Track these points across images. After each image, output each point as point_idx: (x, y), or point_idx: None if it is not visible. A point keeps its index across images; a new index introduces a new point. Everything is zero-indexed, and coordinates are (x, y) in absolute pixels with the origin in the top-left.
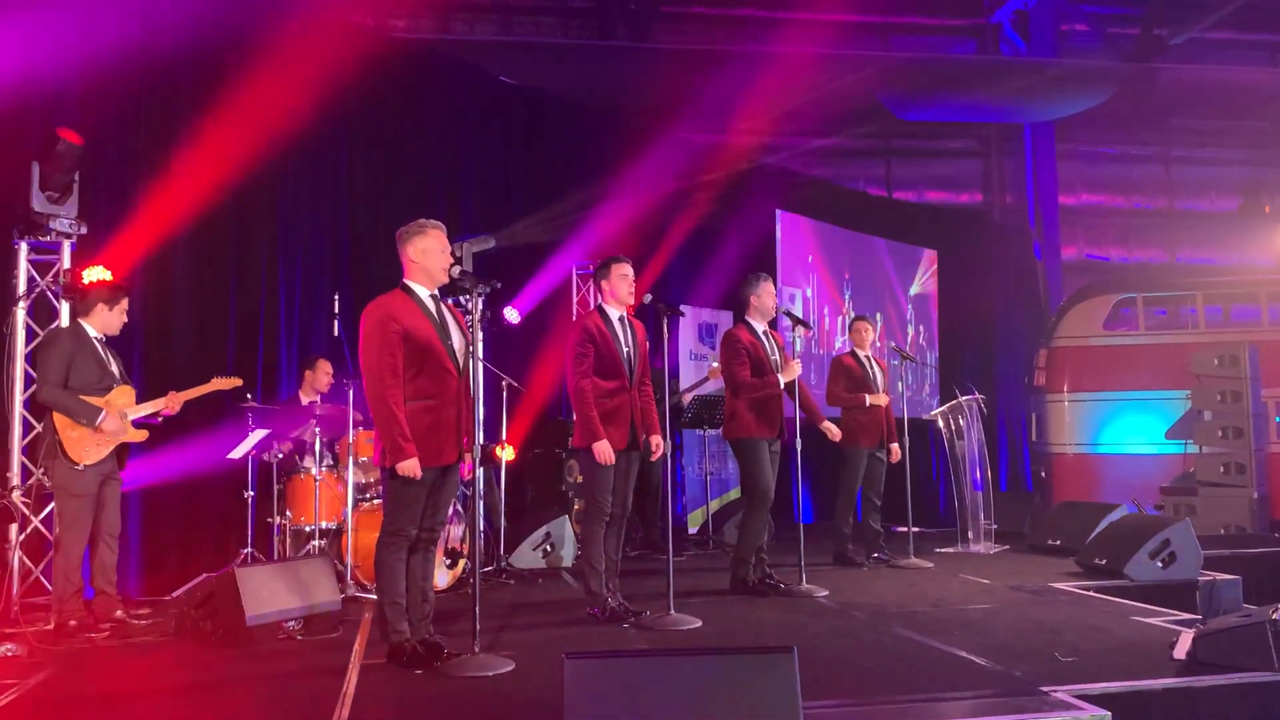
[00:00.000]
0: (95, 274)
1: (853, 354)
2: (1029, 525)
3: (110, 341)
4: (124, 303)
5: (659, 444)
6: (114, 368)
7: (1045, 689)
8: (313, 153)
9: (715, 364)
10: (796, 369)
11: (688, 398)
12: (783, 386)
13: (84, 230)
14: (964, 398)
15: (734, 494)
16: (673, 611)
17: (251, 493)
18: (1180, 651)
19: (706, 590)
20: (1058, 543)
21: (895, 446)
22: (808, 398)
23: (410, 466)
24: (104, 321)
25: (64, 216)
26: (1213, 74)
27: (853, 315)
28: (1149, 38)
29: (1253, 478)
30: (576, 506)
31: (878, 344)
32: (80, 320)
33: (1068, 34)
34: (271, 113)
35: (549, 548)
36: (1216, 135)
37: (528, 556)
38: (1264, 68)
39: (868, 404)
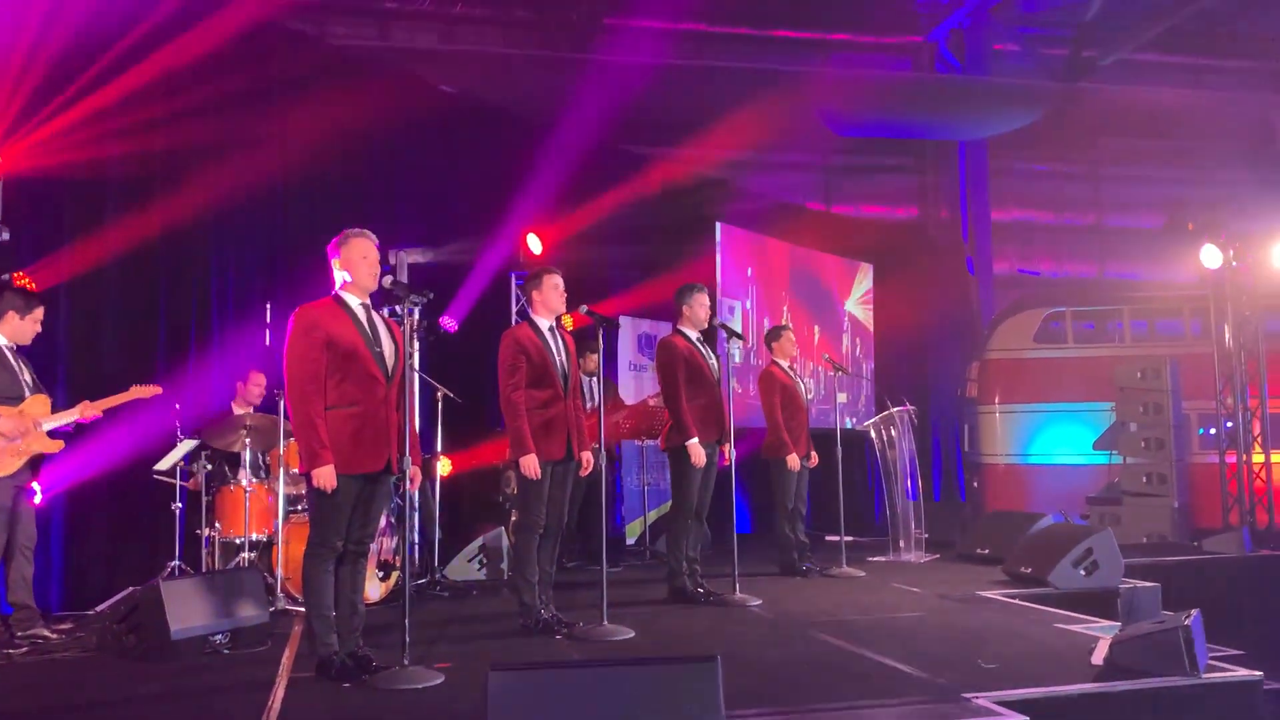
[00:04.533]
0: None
1: (777, 365)
2: (959, 534)
3: (35, 352)
4: (38, 312)
5: (589, 460)
6: (26, 376)
7: (967, 695)
8: (246, 160)
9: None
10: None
11: (654, 400)
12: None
13: (5, 236)
14: (895, 409)
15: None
16: (606, 622)
17: (180, 504)
18: (1098, 657)
19: (643, 601)
20: (986, 551)
21: (814, 454)
22: None
23: (325, 474)
24: (15, 330)
25: None
26: (1140, 95)
27: (779, 325)
28: (1079, 59)
29: (1174, 487)
30: (513, 518)
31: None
32: None
33: (1001, 54)
34: (204, 119)
35: (484, 559)
36: (1143, 154)
37: (463, 568)
38: (1188, 89)
39: (791, 467)
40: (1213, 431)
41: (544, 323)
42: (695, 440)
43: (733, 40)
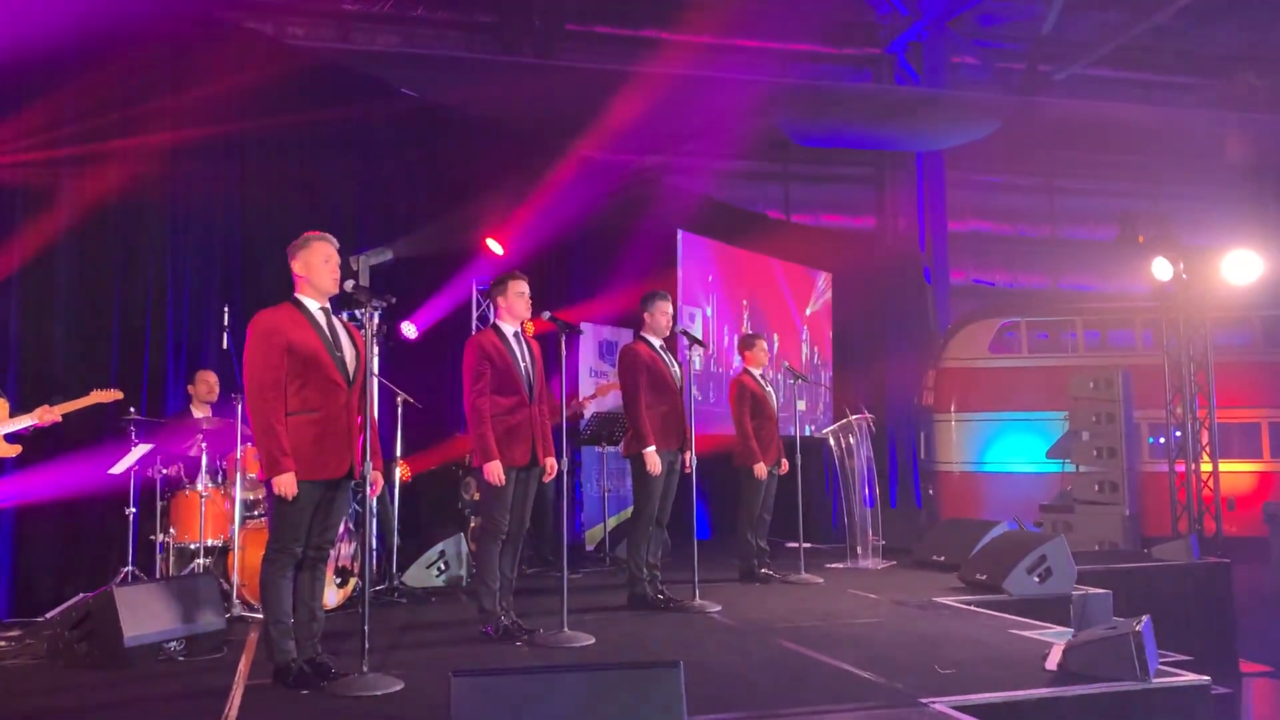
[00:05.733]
0: None
1: (748, 373)
2: (915, 542)
3: None
4: None
5: (553, 465)
6: None
7: (924, 700)
8: (205, 161)
9: (608, 380)
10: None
11: (589, 404)
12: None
13: None
14: (853, 416)
15: (630, 511)
16: (566, 629)
17: (134, 509)
18: (1052, 663)
19: (602, 607)
20: (942, 558)
21: (784, 461)
22: None
23: (286, 481)
24: None
25: None
26: (1093, 109)
27: (753, 334)
28: (1034, 73)
29: (1125, 496)
30: (472, 524)
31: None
32: None
33: (958, 67)
34: (161, 118)
35: (444, 566)
36: (1096, 167)
37: (422, 575)
38: (1140, 104)
39: (759, 476)
40: (1162, 441)
41: (509, 328)
42: (652, 448)
43: (695, 48)
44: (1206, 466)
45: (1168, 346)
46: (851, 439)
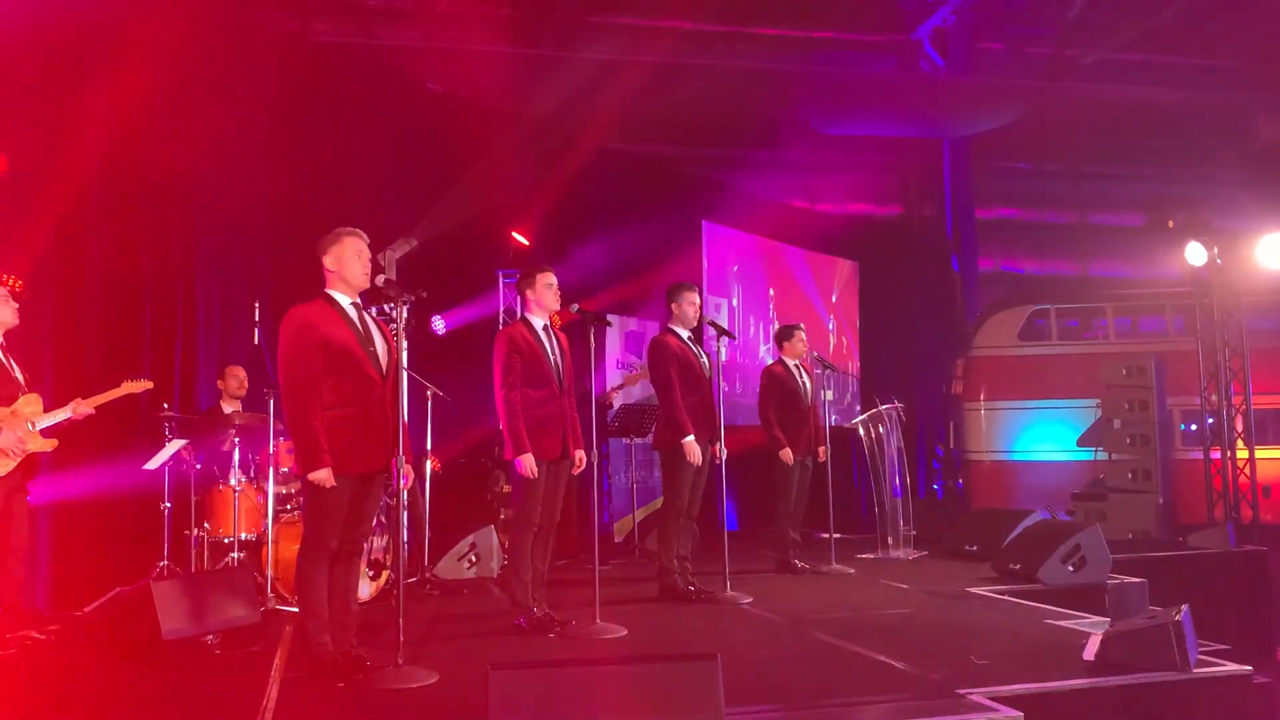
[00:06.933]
0: None
1: (781, 363)
2: (947, 531)
3: (19, 346)
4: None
5: (582, 458)
6: (17, 375)
7: (961, 691)
8: (232, 157)
9: (636, 372)
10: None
11: (615, 395)
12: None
13: None
14: (883, 406)
15: (659, 503)
16: (598, 620)
17: (168, 504)
18: (1090, 653)
19: (633, 598)
20: (974, 548)
21: (822, 449)
22: None
23: (323, 476)
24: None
25: None
26: (1121, 93)
27: (780, 325)
28: (1061, 58)
29: (1158, 484)
30: (502, 516)
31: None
32: None
33: (984, 52)
34: (189, 115)
35: (474, 558)
36: (1124, 152)
37: (453, 567)
38: (1168, 88)
39: (785, 460)
40: (1194, 428)
41: (538, 321)
42: (691, 438)
43: (716, 38)
44: (1242, 453)
45: (1201, 332)
46: (881, 428)
